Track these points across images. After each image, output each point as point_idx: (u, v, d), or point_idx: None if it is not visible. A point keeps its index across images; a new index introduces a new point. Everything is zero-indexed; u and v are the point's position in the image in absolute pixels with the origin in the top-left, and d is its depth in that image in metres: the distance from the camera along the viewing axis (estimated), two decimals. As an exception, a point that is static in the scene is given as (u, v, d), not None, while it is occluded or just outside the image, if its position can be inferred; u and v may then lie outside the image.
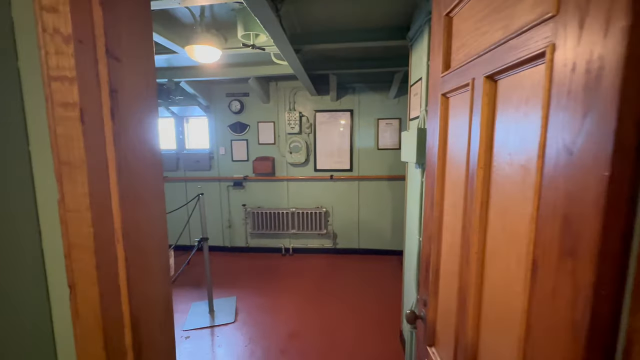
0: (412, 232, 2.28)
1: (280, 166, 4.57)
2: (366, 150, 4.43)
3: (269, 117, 4.51)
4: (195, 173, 4.72)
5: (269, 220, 4.55)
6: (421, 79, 2.03)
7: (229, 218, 4.75)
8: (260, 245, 4.73)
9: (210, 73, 3.62)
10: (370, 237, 4.58)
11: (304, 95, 4.41)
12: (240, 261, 4.50)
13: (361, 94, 4.35)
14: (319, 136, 4.46)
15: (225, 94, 4.52)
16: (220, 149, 4.64)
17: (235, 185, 4.66)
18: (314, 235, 4.62)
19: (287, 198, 4.62)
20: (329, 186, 4.55)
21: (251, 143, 4.59)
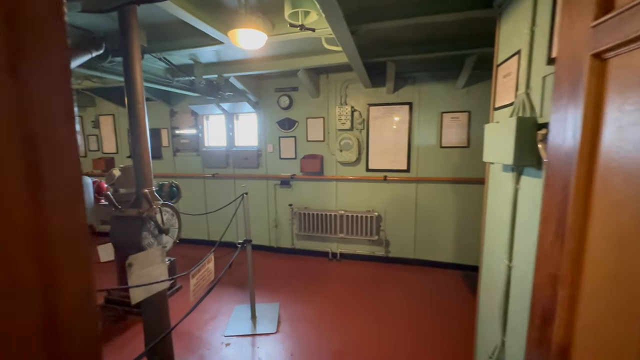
0: (496, 253, 1.78)
1: (329, 165, 4.27)
2: (426, 149, 3.89)
3: (318, 112, 4.23)
4: (243, 170, 4.66)
5: (316, 222, 4.28)
6: (519, 52, 1.52)
7: (275, 217, 4.60)
8: (307, 247, 4.50)
9: (259, 66, 3.45)
10: (428, 247, 4.04)
11: (356, 88, 4.03)
12: (285, 263, 4.31)
13: (422, 84, 3.82)
14: (372, 133, 4.04)
15: (274, 90, 4.35)
16: (268, 146, 4.50)
17: (282, 184, 4.48)
18: (363, 241, 4.23)
19: (335, 199, 4.30)
20: (382, 188, 4.11)
21: (299, 140, 4.36)
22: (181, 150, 4.92)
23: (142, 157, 1.93)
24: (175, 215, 2.16)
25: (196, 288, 2.00)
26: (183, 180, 4.98)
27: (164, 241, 2.05)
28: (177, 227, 2.19)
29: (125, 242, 1.89)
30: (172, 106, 4.83)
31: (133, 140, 1.91)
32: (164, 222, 1.99)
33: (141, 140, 1.91)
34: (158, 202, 1.97)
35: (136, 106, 1.89)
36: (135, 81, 1.86)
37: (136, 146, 1.91)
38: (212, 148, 4.81)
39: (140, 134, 1.91)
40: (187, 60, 3.41)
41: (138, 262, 1.80)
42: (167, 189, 3.09)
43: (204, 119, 4.81)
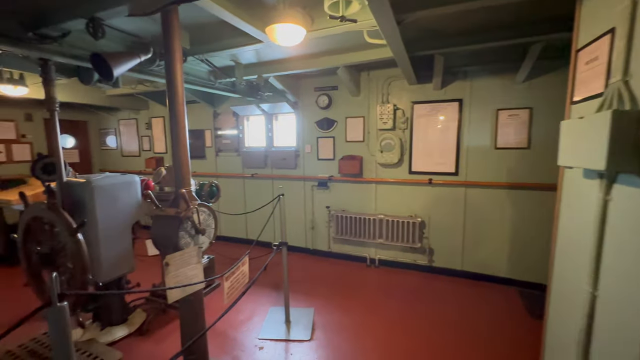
0: (571, 277, 1.47)
1: (369, 166, 4.07)
2: (478, 150, 3.52)
3: (358, 111, 4.05)
4: (281, 171, 4.65)
5: (353, 225, 4.11)
6: (612, 30, 1.23)
7: (312, 219, 4.51)
8: (343, 251, 4.34)
9: (297, 65, 3.38)
10: (479, 259, 3.65)
11: (400, 85, 3.78)
12: (321, 266, 4.20)
13: (474, 79, 3.46)
14: (416, 132, 3.77)
15: (313, 89, 4.27)
16: (306, 146, 4.43)
17: (319, 186, 4.38)
18: (405, 248, 3.96)
19: (374, 203, 4.09)
20: (426, 192, 3.81)
21: (338, 141, 4.22)
22: (223, 150, 5.06)
23: (181, 157, 1.95)
24: (212, 215, 2.15)
25: (230, 291, 1.96)
26: (224, 179, 5.12)
27: (200, 241, 2.05)
28: (213, 227, 2.18)
29: (163, 241, 1.91)
30: (215, 108, 4.99)
31: (173, 140, 1.93)
32: (201, 222, 1.99)
33: (180, 140, 1.93)
34: (195, 202, 1.97)
35: (176, 107, 1.90)
36: (176, 81, 1.87)
37: (175, 146, 1.92)
38: (251, 148, 4.87)
39: (180, 134, 1.92)
40: (228, 62, 3.45)
41: (174, 262, 1.81)
42: (207, 189, 3.15)
43: (244, 120, 4.89)
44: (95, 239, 2.49)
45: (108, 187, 2.58)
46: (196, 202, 1.98)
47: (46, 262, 2.42)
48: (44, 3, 1.94)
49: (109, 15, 1.94)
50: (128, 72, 2.85)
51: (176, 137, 1.92)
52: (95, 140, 6.43)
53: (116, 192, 2.66)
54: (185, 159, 1.98)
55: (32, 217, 2.42)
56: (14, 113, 5.15)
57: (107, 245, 2.56)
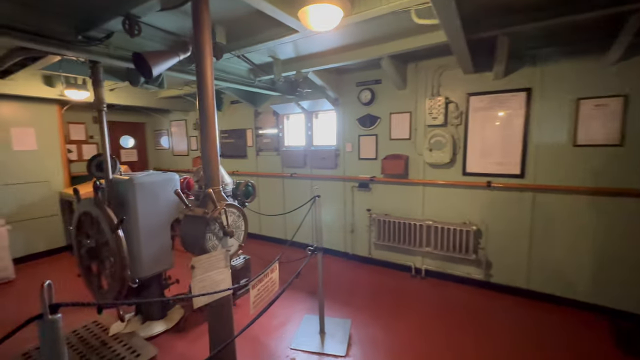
0: None
1: (416, 167, 3.69)
2: (551, 148, 2.96)
3: (404, 106, 3.70)
4: (320, 171, 4.47)
5: (397, 231, 3.77)
6: None
7: (351, 222, 4.26)
8: (385, 258, 4.02)
9: (337, 58, 3.15)
10: (550, 277, 3.07)
11: (453, 75, 3.35)
12: (360, 273, 3.93)
13: (547, 63, 2.90)
14: (472, 128, 3.31)
15: (355, 84, 4.01)
16: (346, 145, 4.19)
17: (360, 187, 4.11)
18: (456, 259, 3.51)
19: (422, 207, 3.70)
20: (483, 197, 3.33)
21: (381, 138, 3.91)
22: (263, 149, 5.05)
23: (210, 155, 1.85)
24: (242, 216, 2.04)
25: (257, 300, 1.82)
26: (263, 179, 5.11)
27: (228, 244, 1.94)
28: (243, 229, 2.07)
29: (190, 242, 1.84)
30: (257, 107, 4.99)
31: (202, 137, 1.84)
32: (229, 224, 1.88)
33: (209, 137, 1.83)
34: (223, 203, 1.86)
35: (206, 102, 1.81)
36: (205, 76, 1.78)
37: (204, 143, 1.84)
38: (291, 147, 4.78)
39: (209, 131, 1.83)
40: (267, 58, 3.36)
41: (201, 265, 1.71)
42: (242, 188, 3.08)
43: (284, 119, 4.82)
44: (136, 235, 2.55)
45: (148, 184, 2.63)
46: (225, 202, 1.88)
47: (92, 255, 2.54)
48: (87, 5, 1.99)
49: (143, 11, 1.92)
50: (171, 72, 2.90)
51: (205, 134, 1.83)
52: (150, 140, 6.92)
53: (156, 190, 2.70)
54: (214, 157, 1.88)
55: (83, 211, 2.55)
56: (83, 116, 5.72)
57: (147, 242, 2.61)
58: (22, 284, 3.86)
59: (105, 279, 2.53)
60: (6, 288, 3.76)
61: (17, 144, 4.40)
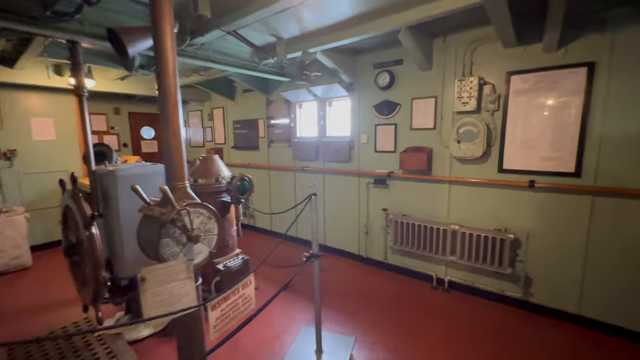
0: None
1: (441, 161, 3.15)
2: (621, 140, 2.29)
3: (428, 90, 3.16)
4: (333, 165, 4.06)
5: (417, 235, 3.27)
6: None
7: (366, 222, 3.82)
8: (403, 264, 3.54)
9: (347, 34, 2.70)
10: (611, 304, 2.43)
11: (490, 50, 2.75)
12: (373, 280, 3.50)
13: (620, 29, 2.22)
14: (512, 115, 2.70)
15: (372, 66, 3.52)
16: (361, 136, 3.73)
17: (376, 183, 3.65)
18: (487, 272, 2.96)
19: (447, 208, 3.16)
20: (524, 199, 2.73)
21: (401, 128, 3.40)
22: (275, 141, 4.74)
23: (171, 143, 1.54)
24: (214, 218, 1.72)
25: (220, 322, 1.49)
26: (275, 172, 4.80)
27: (194, 251, 1.64)
28: (215, 233, 1.76)
29: (145, 248, 1.56)
30: (269, 95, 4.67)
31: (162, 121, 1.53)
32: (194, 227, 1.57)
33: (170, 121, 1.51)
34: (183, 203, 1.54)
35: (166, 79, 1.49)
36: (163, 44, 1.45)
37: (164, 128, 1.52)
38: (302, 139, 4.41)
39: (170, 114, 1.51)
40: (270, 38, 3.00)
41: (154, 277, 1.42)
42: (236, 183, 2.78)
43: (296, 107, 4.45)
44: (117, 232, 2.35)
45: (132, 177, 2.41)
46: (187, 202, 1.56)
47: (72, 252, 2.39)
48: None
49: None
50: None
51: (166, 117, 1.51)
52: (170, 131, 6.91)
53: (141, 183, 2.45)
54: (177, 145, 1.56)
55: (65, 204, 2.40)
56: (105, 107, 5.79)
57: (130, 240, 2.40)
58: (37, 271, 3.93)
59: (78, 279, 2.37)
60: (22, 274, 3.84)
61: (36, 134, 4.49)
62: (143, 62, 3.15)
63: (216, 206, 3.07)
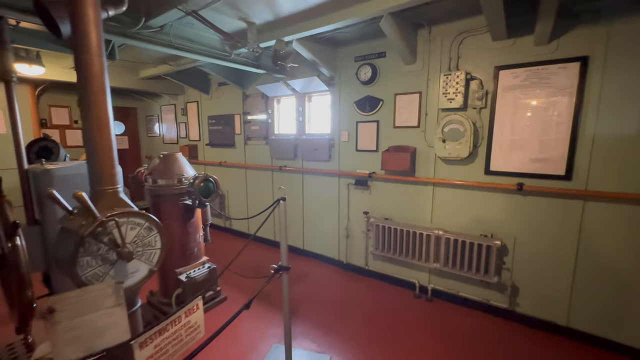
0: None
1: (425, 161, 2.95)
2: (615, 140, 2.13)
3: (412, 85, 2.94)
4: (312, 164, 3.81)
5: (399, 240, 3.06)
6: None
7: (346, 226, 3.59)
8: (385, 271, 3.33)
9: (325, 20, 2.44)
10: (601, 316, 2.29)
11: (477, 42, 2.56)
12: (354, 288, 3.27)
13: (618, 20, 2.06)
14: (500, 112, 2.52)
15: (353, 59, 3.28)
16: (342, 134, 3.49)
17: (357, 184, 3.42)
18: (472, 280, 2.78)
19: (430, 212, 2.97)
20: (512, 203, 2.56)
21: (383, 126, 3.18)
22: (252, 138, 4.44)
23: (97, 139, 1.25)
24: (156, 229, 1.43)
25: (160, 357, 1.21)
26: (252, 171, 4.51)
27: (127, 271, 1.35)
28: (157, 246, 1.47)
29: (61, 269, 1.26)
30: (245, 89, 4.36)
31: (82, 110, 1.23)
32: (125, 241, 1.28)
33: (93, 111, 1.22)
34: (112, 212, 1.25)
35: (85, 56, 1.19)
36: (82, 12, 1.16)
37: (85, 120, 1.23)
38: (280, 136, 4.13)
39: (92, 101, 1.21)
40: (240, 24, 2.71)
41: (67, 307, 1.12)
42: (199, 184, 2.48)
43: (274, 102, 4.16)
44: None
45: (72, 177, 2.08)
46: (119, 210, 1.27)
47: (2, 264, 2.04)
48: None
49: None
50: (111, 35, 2.31)
51: (86, 100, 1.20)
52: (143, 126, 6.49)
53: (83, 184, 2.15)
54: (105, 141, 1.27)
55: (-10, 210, 2.04)
56: (67, 99, 5.32)
57: (71, 250, 2.07)
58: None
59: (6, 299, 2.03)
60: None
61: (-18, 128, 4.03)
62: (94, 46, 2.79)
63: (178, 210, 2.77)
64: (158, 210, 2.63)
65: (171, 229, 2.64)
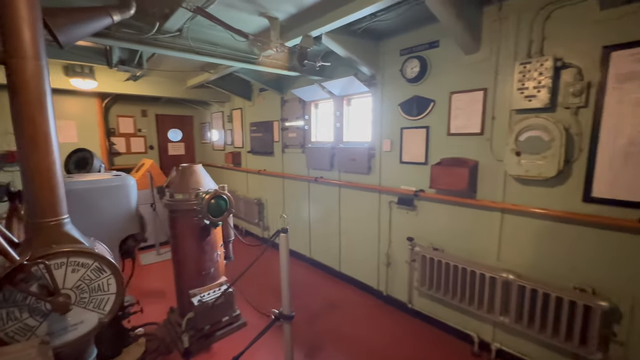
0: None
1: (490, 179, 2.24)
2: None
3: (474, 80, 2.27)
4: (349, 176, 3.33)
5: (452, 278, 2.40)
6: None
7: (387, 252, 3.02)
8: (433, 314, 2.68)
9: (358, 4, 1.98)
10: None
11: (574, 14, 1.80)
12: (393, 327, 2.70)
13: None
14: (610, 113, 1.72)
15: (398, 52, 2.72)
16: (384, 142, 2.95)
17: (401, 203, 2.84)
18: (558, 349, 1.98)
19: (497, 247, 2.24)
20: (629, 246, 1.72)
21: (435, 132, 2.56)
22: (289, 145, 4.16)
23: (31, 160, 1.01)
24: (109, 270, 1.14)
25: None
26: (290, 181, 4.22)
27: (69, 322, 1.09)
28: (111, 291, 1.18)
29: None
30: (283, 94, 4.11)
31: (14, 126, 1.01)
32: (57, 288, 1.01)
33: (27, 127, 0.98)
34: (48, 250, 0.99)
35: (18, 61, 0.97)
36: (11, 7, 0.94)
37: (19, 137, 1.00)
38: (317, 144, 3.75)
39: (26, 114, 0.98)
40: (261, 21, 2.41)
41: (-26, 373, 0.90)
42: (209, 202, 2.23)
43: (311, 107, 3.81)
44: (61, 258, 1.95)
45: (82, 192, 2.00)
46: (55, 249, 1.01)
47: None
48: None
49: None
50: (122, 42, 2.20)
51: (17, 113, 0.97)
52: (197, 134, 6.79)
53: (96, 199, 2.07)
54: (41, 159, 1.03)
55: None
56: (132, 109, 5.80)
57: (78, 267, 1.99)
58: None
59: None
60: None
61: (60, 136, 4.53)
62: (124, 56, 2.80)
63: (193, 227, 2.58)
64: (175, 226, 2.47)
65: (185, 246, 2.46)
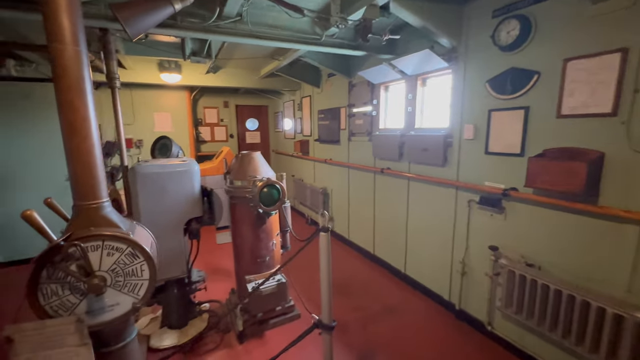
0: None
1: (624, 179, 1.60)
2: None
3: (605, 39, 1.62)
4: (420, 168, 2.91)
5: (552, 305, 1.84)
6: None
7: (462, 259, 2.54)
8: (519, 343, 2.14)
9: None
10: None
11: None
12: (466, 350, 2.27)
13: None
14: None
15: (490, 14, 2.17)
16: (465, 128, 2.44)
17: (483, 203, 2.32)
18: None
19: (629, 275, 1.60)
20: None
21: (537, 114, 1.96)
22: (356, 133, 3.89)
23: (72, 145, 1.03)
24: (142, 256, 1.13)
25: None
26: (354, 172, 3.98)
27: (106, 303, 1.12)
28: (145, 277, 1.17)
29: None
30: (351, 78, 3.84)
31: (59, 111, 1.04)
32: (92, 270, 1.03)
33: (69, 113, 1.00)
34: (83, 233, 1.02)
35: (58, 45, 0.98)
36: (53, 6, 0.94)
37: (62, 123, 1.03)
38: (384, 132, 3.39)
39: (67, 99, 1.00)
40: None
41: (25, 339, 0.98)
42: (262, 190, 2.17)
43: (380, 91, 3.44)
44: (136, 235, 2.16)
45: (153, 175, 2.17)
46: (90, 232, 1.03)
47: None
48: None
49: None
50: (186, 32, 2.26)
51: (60, 98, 1.00)
52: (272, 123, 7.06)
53: (164, 182, 2.22)
54: (82, 143, 1.05)
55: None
56: (216, 101, 6.34)
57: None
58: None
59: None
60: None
61: (157, 126, 5.24)
62: (195, 47, 2.94)
63: (249, 214, 2.59)
64: (234, 212, 2.53)
65: (242, 232, 2.50)
